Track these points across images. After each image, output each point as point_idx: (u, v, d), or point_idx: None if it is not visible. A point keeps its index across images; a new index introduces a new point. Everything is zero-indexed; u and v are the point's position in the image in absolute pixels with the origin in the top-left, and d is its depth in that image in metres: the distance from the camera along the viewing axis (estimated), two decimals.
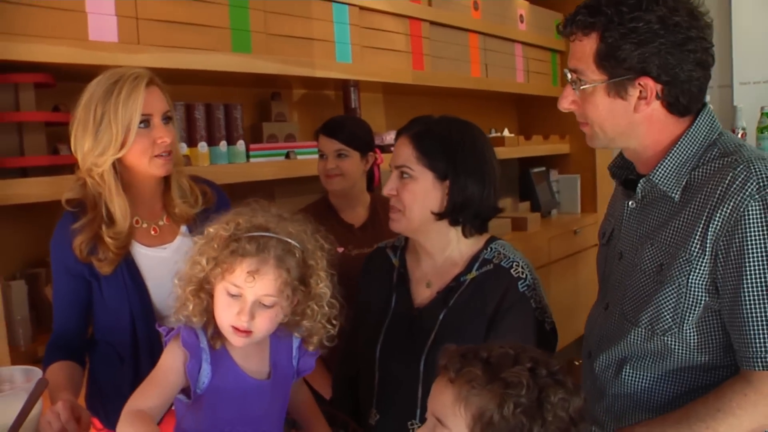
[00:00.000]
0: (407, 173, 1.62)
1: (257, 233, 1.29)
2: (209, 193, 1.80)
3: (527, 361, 1.07)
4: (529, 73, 4.39)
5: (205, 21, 2.39)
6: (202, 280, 1.31)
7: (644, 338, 1.38)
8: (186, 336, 1.32)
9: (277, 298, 1.29)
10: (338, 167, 2.34)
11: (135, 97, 1.57)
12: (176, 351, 1.32)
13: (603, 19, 1.30)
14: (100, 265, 1.62)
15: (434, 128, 1.65)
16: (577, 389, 1.08)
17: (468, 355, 1.09)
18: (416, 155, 1.61)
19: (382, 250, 1.83)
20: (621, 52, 1.29)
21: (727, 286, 1.27)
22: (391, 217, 1.66)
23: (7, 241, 1.97)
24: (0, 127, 1.98)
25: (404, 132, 1.67)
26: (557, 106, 1.44)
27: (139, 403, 1.28)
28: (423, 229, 1.65)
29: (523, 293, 1.60)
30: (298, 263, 1.31)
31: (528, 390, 1.03)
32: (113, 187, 1.61)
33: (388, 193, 1.65)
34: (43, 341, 1.84)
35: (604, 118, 1.37)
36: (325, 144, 2.37)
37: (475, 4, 3.84)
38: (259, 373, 1.38)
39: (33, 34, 1.93)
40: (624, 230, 1.49)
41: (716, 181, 1.29)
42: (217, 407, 1.33)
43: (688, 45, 1.29)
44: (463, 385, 1.07)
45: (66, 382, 1.57)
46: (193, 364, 1.31)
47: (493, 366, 1.06)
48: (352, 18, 3.01)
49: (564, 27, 1.38)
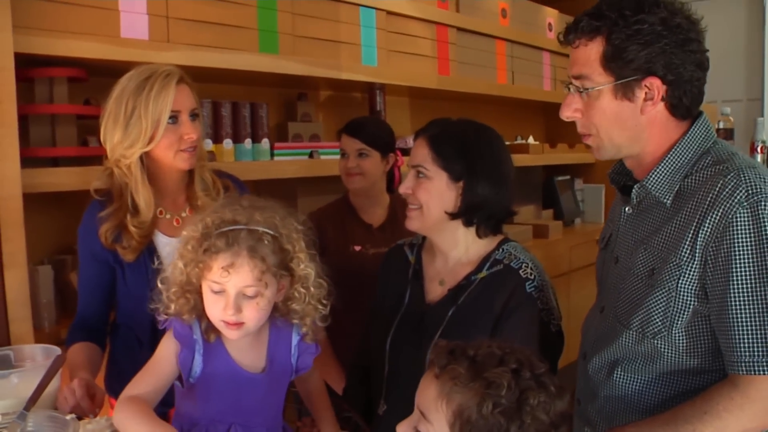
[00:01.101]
0: (423, 173, 1.66)
1: (226, 228, 1.32)
2: (231, 187, 1.86)
3: (513, 362, 1.08)
4: (556, 82, 4.39)
5: (233, 21, 2.45)
6: (183, 282, 1.35)
7: (635, 341, 1.40)
8: (178, 328, 1.37)
9: (258, 287, 1.31)
10: (359, 166, 2.37)
11: (165, 93, 1.63)
12: (169, 342, 1.37)
13: (608, 23, 1.34)
14: (123, 252, 1.69)
15: (451, 130, 1.70)
16: (561, 393, 1.09)
17: (455, 352, 1.12)
18: (432, 156, 1.65)
19: (400, 247, 1.88)
20: (628, 53, 1.33)
21: (715, 291, 1.29)
22: (408, 215, 1.70)
23: (37, 228, 2.04)
24: (34, 119, 2.06)
25: (422, 133, 1.71)
26: (560, 115, 1.46)
27: (134, 390, 1.34)
28: (437, 228, 1.69)
29: (530, 294, 1.63)
30: (272, 250, 1.33)
31: (508, 391, 1.05)
32: (139, 179, 1.67)
33: (404, 191, 1.70)
34: (66, 324, 1.91)
35: (611, 123, 1.39)
36: (346, 143, 2.41)
37: (503, 11, 3.87)
38: (253, 367, 1.41)
39: (68, 30, 2.01)
40: (621, 235, 1.51)
41: (707, 188, 1.32)
42: (210, 397, 1.37)
43: (689, 45, 1.33)
44: (447, 381, 1.09)
45: (85, 361, 1.63)
46: (185, 354, 1.35)
47: (477, 364, 1.08)
48: (379, 22, 3.05)
49: (566, 35, 1.42)
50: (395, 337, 1.73)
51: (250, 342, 1.40)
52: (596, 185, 4.83)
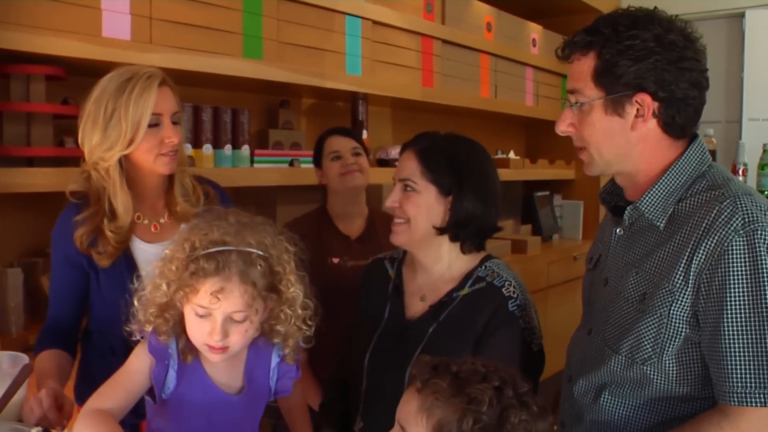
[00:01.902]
0: (411, 186, 1.64)
1: (215, 249, 1.25)
2: (212, 193, 1.82)
3: (496, 379, 1.07)
4: (538, 97, 4.40)
5: (218, 25, 2.42)
6: (164, 303, 1.29)
7: (624, 366, 1.38)
8: (153, 342, 1.31)
9: (248, 313, 1.27)
10: (357, 163, 2.37)
11: (147, 96, 1.59)
12: (143, 355, 1.32)
13: (600, 38, 1.34)
14: (99, 257, 1.64)
15: (440, 144, 1.68)
16: (543, 413, 1.08)
17: (439, 368, 1.11)
18: (421, 169, 1.64)
19: (380, 261, 1.85)
20: (618, 68, 1.32)
21: (707, 319, 1.28)
22: (394, 229, 1.67)
23: (8, 229, 1.99)
24: (9, 117, 2.01)
25: (410, 146, 1.69)
26: (555, 129, 1.46)
27: (100, 402, 1.28)
28: (423, 242, 1.67)
29: (513, 312, 1.61)
30: (263, 273, 1.28)
31: (490, 407, 1.04)
32: (117, 183, 1.63)
33: (390, 204, 1.67)
34: (35, 330, 1.84)
35: (601, 138, 1.38)
36: (339, 143, 2.39)
37: (488, 25, 3.87)
38: (230, 387, 1.37)
39: (48, 27, 1.96)
40: (611, 257, 1.50)
41: (702, 213, 1.30)
42: (183, 415, 1.33)
43: (683, 63, 1.32)
44: (429, 395, 1.08)
45: (54, 370, 1.58)
46: (159, 369, 1.31)
47: (460, 380, 1.07)
48: (364, 31, 3.03)
49: (563, 50, 1.42)
50: (374, 352, 1.70)
51: (227, 361, 1.35)
52: (575, 201, 4.85)
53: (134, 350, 1.35)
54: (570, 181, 4.85)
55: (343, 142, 2.39)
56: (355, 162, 2.36)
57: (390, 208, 1.69)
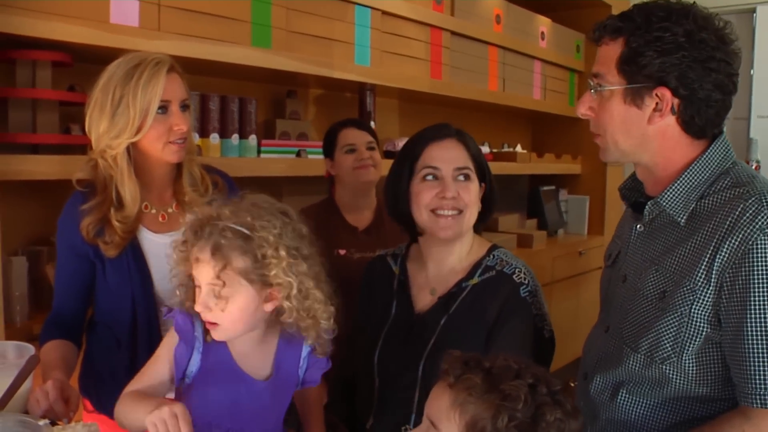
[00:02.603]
0: (467, 175, 1.64)
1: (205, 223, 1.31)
2: (220, 183, 1.80)
3: (529, 377, 1.06)
4: (546, 91, 4.37)
5: (226, 13, 2.39)
6: (180, 273, 1.34)
7: (642, 365, 1.36)
8: (180, 321, 1.33)
9: (222, 287, 1.27)
10: (372, 158, 2.35)
11: (155, 82, 1.56)
12: (170, 336, 1.35)
13: (631, 25, 1.31)
14: (105, 247, 1.62)
15: (462, 131, 1.70)
16: (575, 412, 1.06)
17: (470, 363, 1.09)
18: (471, 157, 1.66)
19: (383, 258, 1.83)
20: (642, 59, 1.29)
21: (730, 319, 1.25)
22: (447, 223, 1.61)
23: (13, 217, 1.96)
24: (14, 103, 1.99)
25: (440, 135, 1.67)
26: (575, 111, 1.44)
27: (135, 386, 1.31)
28: (466, 232, 1.68)
29: (524, 299, 1.60)
30: (243, 251, 1.27)
31: (525, 405, 1.02)
32: (125, 171, 1.61)
33: (452, 195, 1.61)
34: (39, 320, 1.83)
35: (617, 127, 1.36)
36: (355, 136, 2.37)
37: (497, 17, 3.84)
38: (257, 374, 1.37)
39: (55, 12, 1.93)
40: (630, 253, 1.47)
41: (726, 211, 1.27)
42: (207, 398, 1.32)
43: (710, 63, 1.28)
44: (461, 391, 1.06)
45: (59, 361, 1.56)
46: (182, 348, 1.32)
47: (493, 376, 1.06)
48: (374, 22, 3.00)
49: (594, 32, 1.39)
50: (383, 350, 1.68)
51: (255, 347, 1.37)
52: (581, 196, 4.84)
53: (167, 333, 1.37)
54: (576, 175, 4.83)
55: (358, 135, 2.37)
56: (369, 156, 2.34)
57: (450, 197, 1.61)
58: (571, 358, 3.89)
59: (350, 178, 2.36)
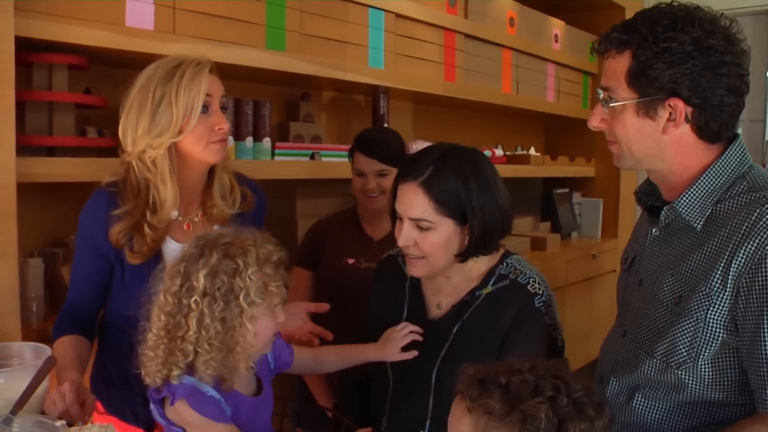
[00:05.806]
0: (426, 226, 1.54)
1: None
2: (250, 197, 1.77)
3: (549, 389, 1.03)
4: (559, 93, 4.36)
5: (241, 16, 2.39)
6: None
7: (658, 370, 1.35)
8: (212, 407, 1.28)
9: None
10: (379, 186, 2.29)
11: (198, 81, 1.55)
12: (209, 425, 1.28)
13: (637, 37, 1.29)
14: (132, 255, 1.60)
15: (442, 168, 1.53)
16: (600, 411, 1.04)
17: (486, 381, 1.06)
18: (433, 205, 1.52)
19: (394, 258, 1.81)
20: (652, 71, 1.27)
21: (746, 324, 1.24)
22: (412, 263, 1.60)
23: (29, 219, 1.97)
24: (31, 105, 1.99)
25: (410, 177, 1.55)
26: (587, 124, 1.42)
27: None
28: (444, 269, 1.62)
29: (539, 309, 1.59)
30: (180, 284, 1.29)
31: (547, 422, 1.00)
32: (167, 172, 1.58)
33: (404, 244, 1.56)
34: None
35: (632, 138, 1.35)
36: (364, 164, 2.30)
37: (511, 20, 3.83)
38: (250, 392, 1.40)
39: (71, 15, 1.93)
40: (646, 257, 1.46)
41: (743, 216, 1.26)
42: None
43: (721, 69, 1.26)
44: (481, 416, 1.04)
45: (74, 360, 1.55)
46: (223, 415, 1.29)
47: (511, 395, 1.03)
48: (387, 24, 3.00)
49: (599, 44, 1.37)
50: None
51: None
52: (594, 199, 4.81)
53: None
54: (589, 178, 4.81)
55: (368, 162, 2.29)
56: (376, 186, 2.29)
57: (404, 247, 1.58)
58: (585, 362, 3.88)
59: (360, 199, 2.36)
